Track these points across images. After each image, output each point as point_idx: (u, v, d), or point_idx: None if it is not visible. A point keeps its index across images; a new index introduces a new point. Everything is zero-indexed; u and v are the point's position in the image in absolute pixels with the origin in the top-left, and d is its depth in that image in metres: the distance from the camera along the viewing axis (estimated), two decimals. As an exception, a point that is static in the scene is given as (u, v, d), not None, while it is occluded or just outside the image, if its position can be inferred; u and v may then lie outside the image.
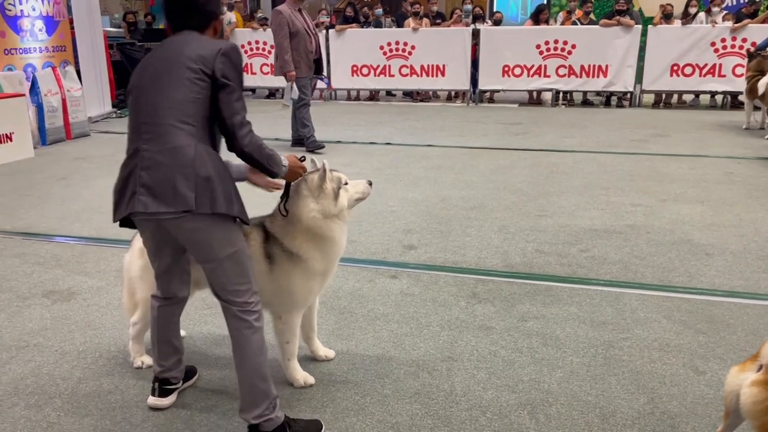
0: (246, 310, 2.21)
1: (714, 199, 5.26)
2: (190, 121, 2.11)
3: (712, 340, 3.00)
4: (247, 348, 2.22)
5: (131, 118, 2.23)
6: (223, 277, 2.19)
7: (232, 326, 2.23)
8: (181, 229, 2.12)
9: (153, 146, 2.10)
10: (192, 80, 2.12)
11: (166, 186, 2.05)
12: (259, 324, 2.23)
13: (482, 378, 2.71)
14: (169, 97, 2.11)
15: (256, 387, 2.21)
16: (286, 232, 2.42)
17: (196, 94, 2.12)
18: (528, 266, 3.91)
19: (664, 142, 7.72)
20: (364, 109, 10.94)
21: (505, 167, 6.49)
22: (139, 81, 2.23)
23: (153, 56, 2.27)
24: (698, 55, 10.19)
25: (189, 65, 2.13)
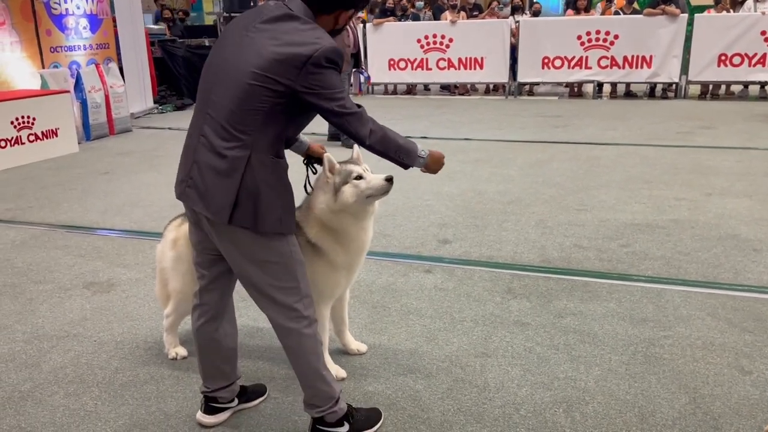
0: (294, 316, 2.10)
1: (762, 193, 5.05)
2: (248, 130, 1.92)
3: (759, 339, 2.88)
4: (301, 355, 2.14)
5: (201, 87, 2.07)
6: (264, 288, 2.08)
7: (279, 333, 2.15)
8: (217, 235, 2.04)
9: (210, 140, 1.97)
10: (258, 91, 1.89)
11: (212, 189, 1.97)
12: (309, 330, 2.12)
13: (516, 374, 2.65)
14: (232, 97, 1.92)
15: (319, 389, 2.18)
16: (306, 220, 2.40)
17: (260, 103, 1.90)
18: (566, 261, 3.82)
19: (710, 134, 7.46)
20: (401, 103, 10.90)
21: (543, 161, 6.37)
22: (216, 57, 2.05)
23: (236, 28, 2.05)
24: (747, 44, 9.80)
25: (257, 74, 1.88)
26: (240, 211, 1.96)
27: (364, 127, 1.99)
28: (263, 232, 1.99)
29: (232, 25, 2.08)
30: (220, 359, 2.31)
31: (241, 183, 1.94)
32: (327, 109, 1.94)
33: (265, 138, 1.95)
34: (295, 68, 1.88)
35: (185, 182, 2.06)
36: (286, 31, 1.93)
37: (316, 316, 2.17)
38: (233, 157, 1.94)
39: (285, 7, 1.99)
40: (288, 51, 1.88)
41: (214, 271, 2.20)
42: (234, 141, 1.94)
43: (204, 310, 2.25)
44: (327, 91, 1.91)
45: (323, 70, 1.89)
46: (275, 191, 1.99)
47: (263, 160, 1.96)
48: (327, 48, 1.90)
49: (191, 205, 2.06)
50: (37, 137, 6.95)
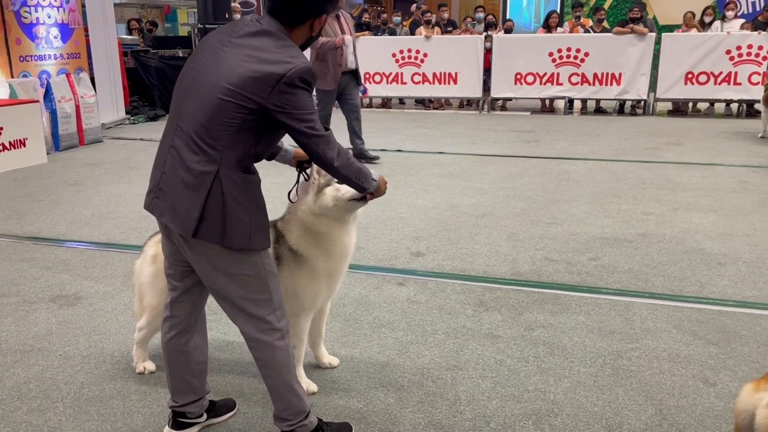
0: (267, 329, 2.09)
1: (727, 208, 5.18)
2: (217, 145, 1.91)
3: (723, 351, 2.94)
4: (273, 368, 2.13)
5: (174, 100, 2.05)
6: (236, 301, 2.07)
7: (251, 346, 2.14)
8: (188, 247, 2.02)
9: (179, 153, 1.96)
10: (229, 107, 1.88)
11: (179, 202, 1.96)
12: (282, 342, 2.11)
13: (487, 387, 2.67)
14: (203, 111, 1.92)
15: (290, 403, 2.16)
16: (288, 225, 2.39)
17: (231, 119, 1.89)
18: (536, 274, 3.86)
19: (677, 150, 7.64)
20: (376, 116, 10.95)
21: (515, 175, 6.45)
22: (189, 70, 2.03)
23: (211, 41, 2.03)
24: (713, 62, 10.09)
25: (229, 90, 1.87)
26: (206, 225, 1.94)
27: (331, 150, 2.00)
28: (230, 247, 1.98)
29: (207, 39, 2.08)
30: (190, 373, 2.27)
31: (208, 197, 1.93)
32: (296, 130, 1.94)
33: (233, 154, 1.94)
34: (268, 86, 1.87)
35: (154, 193, 2.04)
36: (260, 47, 1.92)
37: (289, 328, 2.17)
38: (201, 171, 1.93)
39: (260, 24, 1.99)
40: (262, 69, 1.88)
41: (185, 283, 2.18)
42: (203, 155, 1.93)
43: (174, 322, 2.22)
44: (298, 112, 1.91)
45: (295, 90, 1.89)
46: (244, 207, 1.98)
47: (231, 176, 1.95)
48: (301, 68, 1.89)
49: (158, 217, 2.04)
50: (5, 147, 6.82)
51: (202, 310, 2.30)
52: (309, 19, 2.02)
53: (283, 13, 1.99)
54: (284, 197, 2.52)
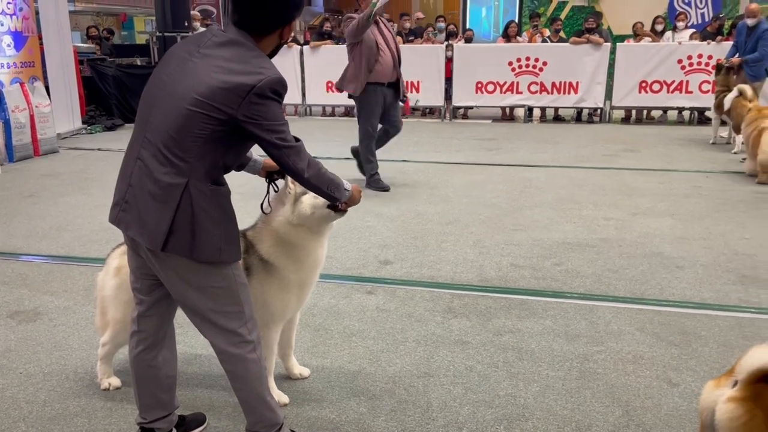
0: (238, 341, 2.07)
1: (683, 213, 5.35)
2: (186, 157, 1.88)
3: (684, 352, 3.03)
4: (245, 380, 2.11)
5: (141, 111, 2.01)
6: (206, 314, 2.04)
7: (221, 359, 2.11)
8: (156, 261, 1.99)
9: (147, 165, 1.92)
10: (198, 118, 1.86)
11: (146, 215, 1.92)
12: (254, 355, 2.10)
13: (458, 393, 2.69)
14: (171, 122, 1.89)
15: (263, 416, 2.14)
16: (259, 236, 2.38)
17: (200, 130, 1.87)
18: (503, 280, 3.92)
19: (633, 156, 7.86)
20: (340, 125, 10.95)
21: (479, 182, 6.53)
22: (156, 81, 2.00)
23: (178, 52, 2.01)
24: (666, 72, 10.43)
25: (198, 101, 1.85)
26: (175, 238, 1.91)
27: (302, 161, 1.99)
28: (200, 260, 1.96)
29: (173, 50, 2.06)
30: (158, 388, 2.23)
31: (177, 210, 1.90)
32: (267, 141, 1.93)
33: (203, 165, 1.92)
34: (238, 97, 1.86)
35: (119, 206, 2.00)
36: (230, 58, 1.91)
37: (260, 339, 2.15)
38: (170, 183, 1.90)
39: (228, 34, 1.98)
40: (231, 79, 1.86)
41: (153, 297, 2.14)
42: (171, 167, 1.90)
43: (142, 337, 2.17)
44: (268, 123, 1.90)
45: (266, 101, 1.88)
46: (214, 220, 1.96)
47: (201, 187, 1.93)
48: (272, 79, 1.89)
49: (125, 230, 2.00)
50: (-45, 158, 6.57)
51: (171, 323, 2.26)
52: (278, 28, 2.02)
53: (251, 24, 1.98)
54: (250, 207, 2.51)
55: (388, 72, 5.88)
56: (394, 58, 5.91)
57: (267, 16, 1.97)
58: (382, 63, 5.82)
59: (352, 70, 5.97)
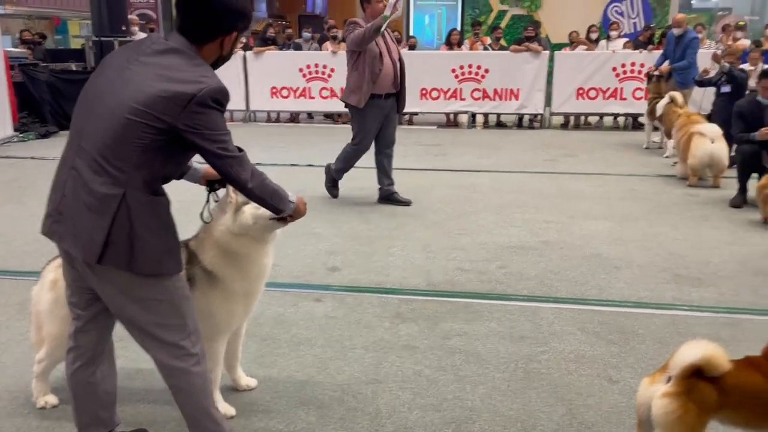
0: (181, 355, 2.02)
1: (619, 215, 5.56)
2: (123, 166, 1.84)
3: (623, 350, 3.15)
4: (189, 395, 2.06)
5: (75, 119, 1.95)
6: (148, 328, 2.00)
7: (164, 374, 2.07)
8: (93, 274, 1.92)
9: (82, 175, 1.86)
10: (137, 127, 1.82)
11: (81, 226, 1.86)
12: (198, 368, 2.05)
13: (407, 399, 2.71)
14: (108, 131, 1.84)
15: (208, 429, 2.10)
16: (202, 246, 2.33)
17: (138, 139, 1.83)
18: (450, 284, 3.97)
19: (572, 161, 8.11)
20: (285, 131, 10.86)
21: (425, 188, 6.60)
22: (92, 88, 1.95)
23: (116, 59, 1.96)
24: (601, 79, 10.81)
25: (137, 109, 1.80)
26: (112, 250, 1.86)
27: (245, 171, 1.97)
28: (140, 273, 1.90)
29: (111, 57, 2.02)
30: (98, 405, 2.16)
31: (114, 221, 1.85)
32: (208, 150, 1.90)
33: (141, 175, 1.88)
34: (178, 106, 1.83)
35: (53, 217, 1.94)
36: (170, 66, 1.88)
37: (205, 352, 2.10)
38: (106, 194, 1.85)
39: (167, 42, 1.94)
40: (171, 88, 1.83)
41: (91, 312, 2.07)
42: (107, 177, 1.85)
43: (80, 353, 2.10)
44: (209, 132, 1.88)
45: (207, 110, 1.86)
46: (152, 231, 1.91)
47: (139, 198, 1.88)
48: (213, 88, 1.87)
49: (58, 242, 1.93)
50: None
51: (109, 338, 2.19)
52: (219, 36, 1.98)
53: (192, 30, 1.95)
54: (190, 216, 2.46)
55: (388, 82, 5.58)
56: (395, 67, 5.61)
57: (207, 22, 1.95)
58: (384, 73, 5.51)
59: (354, 80, 5.59)
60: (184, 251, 2.32)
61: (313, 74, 11.42)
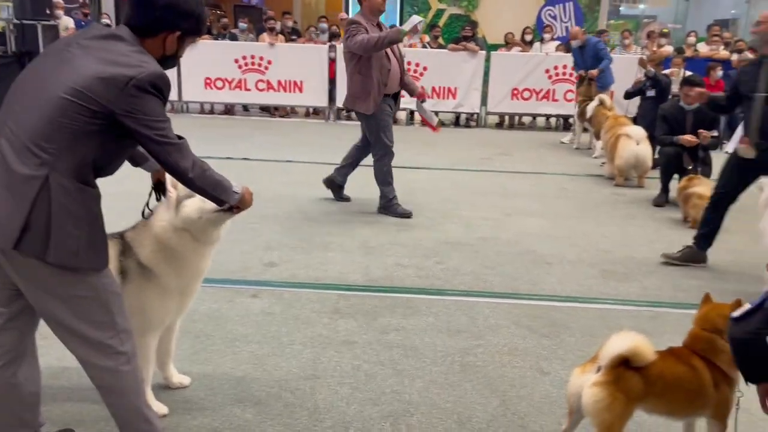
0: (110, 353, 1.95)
1: (552, 213, 5.74)
2: (50, 148, 1.76)
3: (554, 342, 3.25)
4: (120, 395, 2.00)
5: (8, 99, 1.88)
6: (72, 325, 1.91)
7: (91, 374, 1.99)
8: (12, 265, 1.83)
9: (3, 154, 1.78)
10: (71, 107, 1.76)
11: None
12: (128, 367, 1.98)
13: (345, 393, 2.71)
14: (41, 111, 1.77)
15: (140, 429, 2.04)
16: (139, 239, 2.25)
17: (70, 120, 1.77)
18: (388, 280, 3.99)
19: (507, 160, 8.31)
20: (219, 123, 10.63)
21: (365, 183, 6.58)
22: (29, 71, 1.88)
23: (55, 46, 1.91)
24: (535, 80, 11.12)
25: (74, 89, 1.75)
26: (29, 236, 1.77)
27: (185, 160, 1.92)
28: (56, 264, 1.81)
29: (51, 46, 1.97)
30: (20, 406, 2.05)
31: (34, 205, 1.76)
32: (145, 136, 1.84)
33: (69, 160, 1.80)
34: (116, 89, 1.78)
35: None
36: (111, 50, 1.83)
37: (135, 350, 2.03)
38: (28, 175, 1.76)
39: (111, 29, 1.91)
40: (111, 70, 1.79)
41: (13, 309, 1.97)
42: (31, 157, 1.77)
43: (1, 352, 1.98)
44: (147, 117, 1.83)
45: (145, 95, 1.81)
46: (75, 220, 1.82)
47: (65, 184, 1.80)
48: (153, 72, 1.83)
49: None
50: None
51: (33, 336, 2.09)
52: (162, 32, 1.94)
53: (135, 20, 1.92)
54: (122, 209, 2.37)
55: (396, 81, 5.34)
56: (401, 65, 5.37)
57: (150, 13, 1.91)
58: (392, 72, 5.25)
59: (360, 86, 5.19)
60: (120, 243, 2.24)
61: (250, 66, 11.21)
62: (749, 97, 4.17)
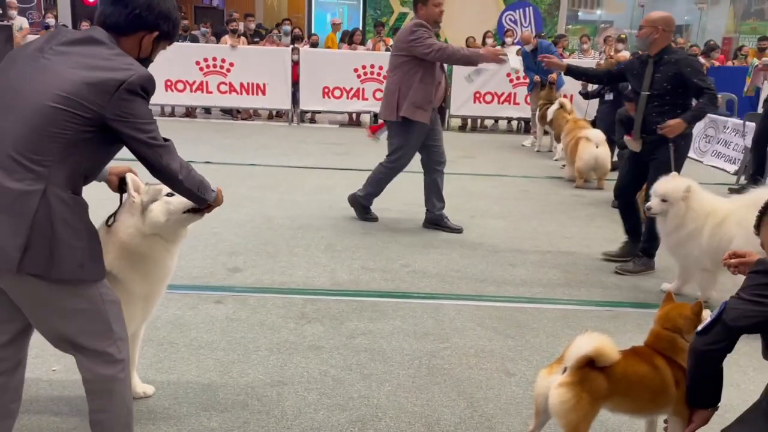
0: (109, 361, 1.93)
1: (515, 215, 5.82)
2: (43, 161, 1.71)
3: (519, 343, 3.30)
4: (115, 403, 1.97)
5: None
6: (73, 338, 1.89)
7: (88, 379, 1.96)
8: (6, 284, 1.78)
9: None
10: (61, 116, 1.71)
11: None
12: (124, 374, 1.97)
13: (313, 399, 2.69)
14: (26, 122, 1.70)
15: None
16: (103, 245, 2.20)
17: (62, 129, 1.72)
18: (355, 283, 3.99)
19: (471, 162, 8.40)
20: (181, 126, 10.44)
21: (329, 186, 6.59)
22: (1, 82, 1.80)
23: (23, 52, 1.84)
24: (496, 84, 11.27)
25: (63, 97, 1.70)
26: (31, 255, 1.70)
27: (174, 161, 1.91)
28: (60, 279, 1.77)
29: (17, 52, 1.88)
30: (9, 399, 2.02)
31: (33, 222, 1.70)
32: (138, 140, 1.81)
33: (63, 171, 1.75)
34: (107, 93, 1.74)
35: None
36: (91, 54, 1.79)
37: (129, 358, 2.02)
38: (23, 191, 1.69)
39: (87, 31, 1.85)
40: (99, 75, 1.74)
41: (15, 326, 1.94)
42: (25, 172, 1.70)
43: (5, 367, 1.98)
44: (139, 121, 1.80)
45: (136, 98, 1.79)
46: (75, 233, 1.78)
47: (62, 196, 1.75)
48: (142, 75, 1.80)
49: None
50: None
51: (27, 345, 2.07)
52: (139, 31, 1.90)
53: (113, 18, 1.87)
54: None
55: (442, 93, 5.18)
56: (445, 76, 5.17)
57: (130, 12, 1.87)
58: (441, 87, 5.07)
59: (422, 95, 4.90)
60: None
61: (211, 68, 11.08)
62: (637, 93, 4.41)
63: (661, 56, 4.22)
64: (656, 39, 4.21)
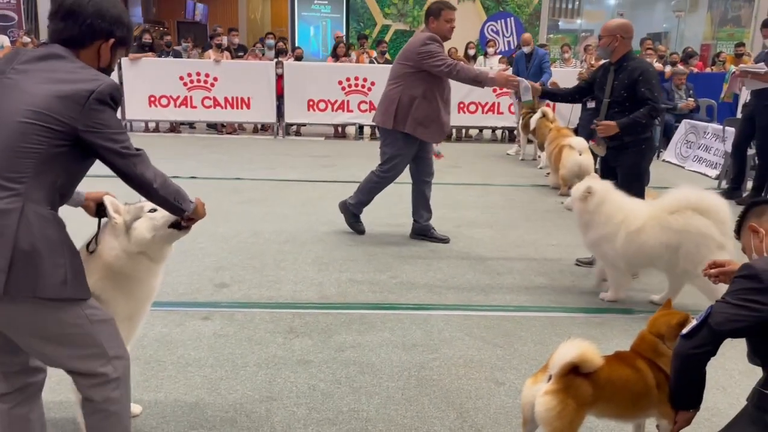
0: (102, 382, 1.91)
1: (501, 224, 5.86)
2: (20, 178, 1.70)
3: (507, 352, 3.31)
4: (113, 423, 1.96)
5: None
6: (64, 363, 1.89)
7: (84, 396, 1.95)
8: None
9: None
10: (33, 131, 1.70)
11: None
12: (118, 393, 1.95)
13: (302, 414, 2.68)
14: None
15: None
16: (86, 267, 2.19)
17: (35, 144, 1.71)
18: (342, 296, 3.98)
19: (456, 172, 8.44)
20: (165, 142, 10.41)
21: (315, 199, 6.59)
22: None
23: None
24: (481, 94, 11.35)
25: (33, 112, 1.70)
26: (16, 276, 1.68)
27: (148, 170, 1.91)
28: (46, 299, 1.74)
29: None
30: None
31: (17, 239, 1.68)
32: (111, 150, 1.81)
33: (39, 187, 1.74)
34: (78, 104, 1.74)
35: None
36: (55, 69, 1.78)
37: (127, 373, 2.01)
38: (1, 209, 1.68)
39: (46, 48, 1.84)
40: (68, 88, 1.74)
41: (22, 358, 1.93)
42: (2, 191, 1.69)
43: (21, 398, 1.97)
44: (111, 131, 1.81)
45: (106, 108, 1.79)
46: (56, 249, 1.77)
47: (42, 212, 1.74)
48: (110, 84, 1.81)
49: None
50: None
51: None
52: (95, 41, 1.90)
53: (67, 32, 1.86)
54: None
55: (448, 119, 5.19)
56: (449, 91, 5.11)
57: (82, 23, 1.86)
58: (448, 102, 5.06)
59: (426, 112, 4.86)
60: None
61: (195, 83, 11.07)
62: (600, 100, 4.50)
63: (620, 63, 4.35)
64: (616, 47, 4.35)
